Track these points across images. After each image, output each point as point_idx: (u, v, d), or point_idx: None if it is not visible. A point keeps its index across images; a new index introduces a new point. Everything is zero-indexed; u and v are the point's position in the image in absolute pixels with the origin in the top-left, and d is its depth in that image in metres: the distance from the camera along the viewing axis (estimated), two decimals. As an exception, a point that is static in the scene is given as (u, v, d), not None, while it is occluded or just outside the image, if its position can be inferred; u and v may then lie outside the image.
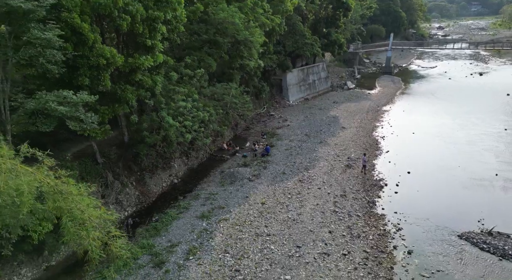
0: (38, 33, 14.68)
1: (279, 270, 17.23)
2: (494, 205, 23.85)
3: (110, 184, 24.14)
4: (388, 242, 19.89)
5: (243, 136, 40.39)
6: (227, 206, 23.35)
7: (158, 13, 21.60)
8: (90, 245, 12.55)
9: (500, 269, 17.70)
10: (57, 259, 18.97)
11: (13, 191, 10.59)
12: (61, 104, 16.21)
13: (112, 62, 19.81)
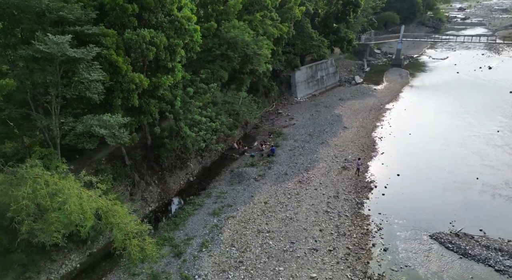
0: (86, 75, 18.54)
1: (274, 262, 21.37)
2: (468, 208, 27.24)
3: (137, 183, 28.50)
4: (368, 240, 23.74)
5: (252, 134, 44.15)
6: (234, 205, 27.48)
7: (177, 41, 25.15)
8: (132, 251, 16.60)
9: (459, 266, 21.39)
10: (97, 247, 23.54)
11: (80, 211, 14.65)
12: (102, 127, 20.25)
13: (140, 85, 23.66)
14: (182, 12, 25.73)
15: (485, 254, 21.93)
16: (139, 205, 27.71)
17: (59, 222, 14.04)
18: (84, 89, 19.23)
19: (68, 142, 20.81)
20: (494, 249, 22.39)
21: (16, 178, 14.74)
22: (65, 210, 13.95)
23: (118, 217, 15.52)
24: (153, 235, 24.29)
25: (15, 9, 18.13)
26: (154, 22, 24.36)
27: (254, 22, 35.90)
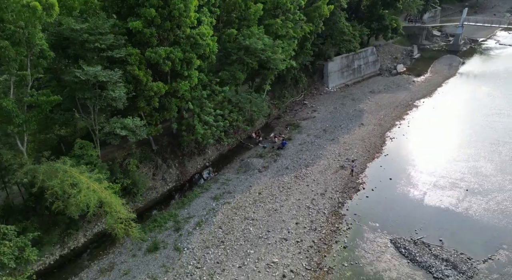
0: (111, 92, 24.55)
1: (248, 246, 26.76)
2: (443, 218, 29.62)
3: (159, 166, 35.19)
4: (334, 237, 27.91)
5: (272, 125, 48.54)
6: (234, 192, 32.99)
7: (192, 54, 30.05)
8: (118, 232, 22.80)
9: (403, 269, 24.90)
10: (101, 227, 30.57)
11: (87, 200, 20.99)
12: (123, 128, 26.49)
13: (158, 92, 29.36)
14: (198, 29, 30.36)
15: (430, 262, 25.05)
16: (159, 184, 34.52)
17: (76, 205, 20.60)
18: (110, 100, 25.36)
19: (99, 138, 27.54)
20: (441, 259, 25.34)
21: (54, 169, 21.48)
22: (78, 198, 20.44)
23: (112, 207, 21.68)
24: (163, 210, 31.05)
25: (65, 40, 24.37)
26: (173, 39, 29.38)
27: (275, 25, 39.13)
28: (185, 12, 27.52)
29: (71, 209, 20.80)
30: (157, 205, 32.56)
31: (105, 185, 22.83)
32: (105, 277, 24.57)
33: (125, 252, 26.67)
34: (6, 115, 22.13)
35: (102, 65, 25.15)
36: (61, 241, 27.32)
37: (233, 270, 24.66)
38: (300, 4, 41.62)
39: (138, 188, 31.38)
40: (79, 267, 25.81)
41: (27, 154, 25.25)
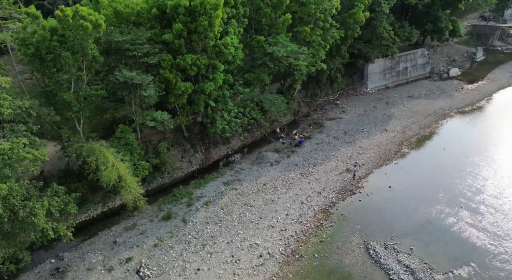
0: (143, 92, 31.11)
1: (240, 227, 32.23)
2: (422, 231, 31.86)
3: (187, 150, 41.91)
4: (315, 231, 32.08)
5: (299, 122, 52.43)
6: (243, 180, 38.44)
7: (216, 61, 35.39)
8: (128, 204, 29.56)
9: (364, 268, 28.35)
10: (152, 186, 38.11)
11: (109, 176, 27.97)
12: (152, 120, 33.16)
13: (186, 91, 35.46)
14: (224, 39, 35.45)
15: (391, 266, 28.13)
16: (185, 165, 41.33)
17: (103, 177, 27.79)
18: (143, 97, 32.04)
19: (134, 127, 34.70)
20: (403, 264, 28.21)
21: (93, 149, 28.86)
22: (104, 173, 27.55)
23: (127, 183, 28.46)
24: (183, 188, 37.77)
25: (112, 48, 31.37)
26: (201, 48, 34.94)
27: (303, 33, 42.48)
28: (210, 27, 32.70)
29: (101, 180, 28.13)
30: (180, 183, 39.41)
31: (126, 165, 29.76)
32: (127, 233, 32.10)
33: (146, 217, 33.98)
34: (67, 105, 29.95)
35: (140, 68, 31.80)
36: (103, 201, 35.52)
37: (222, 244, 30.48)
38: (332, 13, 44.01)
39: (166, 167, 38.37)
40: (112, 223, 33.73)
41: (82, 133, 33.34)
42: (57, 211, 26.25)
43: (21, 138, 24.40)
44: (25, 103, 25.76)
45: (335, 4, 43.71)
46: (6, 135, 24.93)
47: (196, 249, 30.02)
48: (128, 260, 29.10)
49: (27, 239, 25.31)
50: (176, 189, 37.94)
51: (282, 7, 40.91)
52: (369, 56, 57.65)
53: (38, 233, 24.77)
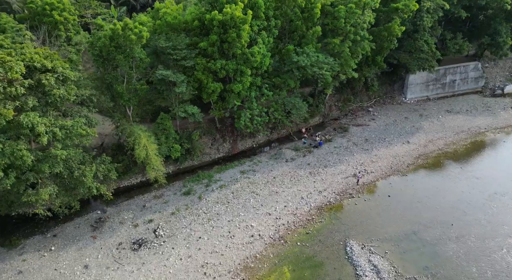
0: (176, 89, 38.24)
1: (243, 210, 38.21)
2: (406, 239, 34.63)
3: (217, 139, 48.77)
4: (305, 224, 36.75)
5: (327, 124, 56.06)
6: (257, 171, 44.16)
7: (243, 67, 41.13)
8: (152, 177, 37.02)
9: (337, 261, 32.50)
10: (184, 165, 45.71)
11: (139, 154, 35.59)
12: (184, 112, 40.31)
13: (215, 90, 41.96)
14: (252, 48, 40.95)
15: (360, 263, 31.90)
16: (213, 152, 48.30)
17: (137, 154, 35.64)
18: (178, 93, 39.23)
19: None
20: (372, 264, 31.84)
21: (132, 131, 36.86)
22: (136, 152, 35.35)
23: (152, 161, 35.86)
24: (206, 171, 44.72)
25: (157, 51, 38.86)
26: (231, 55, 40.92)
27: (332, 44, 46.00)
28: (238, 38, 38.43)
29: (135, 156, 36.13)
30: (205, 166, 46.48)
31: (155, 147, 37.32)
32: (155, 200, 40.11)
33: (171, 190, 41.72)
34: (120, 95, 38.30)
35: (178, 69, 38.94)
36: (142, 172, 44.00)
37: (224, 221, 36.87)
38: (363, 27, 46.55)
39: (195, 151, 45.65)
40: (145, 191, 42.02)
41: (131, 117, 41.82)
42: (102, 175, 34.86)
43: (81, 118, 33.04)
44: (86, 92, 34.36)
45: (367, 19, 46.15)
46: (72, 115, 33.79)
47: (202, 222, 36.86)
48: (150, 221, 37.01)
49: (80, 192, 34.18)
50: (201, 171, 45.05)
51: (313, 21, 44.83)
52: (408, 67, 58.18)
53: (86, 189, 33.50)
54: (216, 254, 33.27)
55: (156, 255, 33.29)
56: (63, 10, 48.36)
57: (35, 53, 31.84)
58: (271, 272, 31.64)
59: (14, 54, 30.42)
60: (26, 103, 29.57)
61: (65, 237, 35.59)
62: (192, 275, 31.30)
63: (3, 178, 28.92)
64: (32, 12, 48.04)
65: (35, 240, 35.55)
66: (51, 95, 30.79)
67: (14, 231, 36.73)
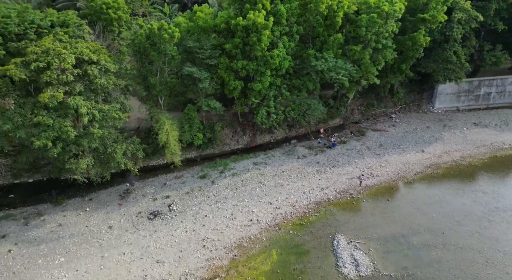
0: (200, 84, 43.38)
1: (248, 197, 42.56)
2: (393, 241, 36.83)
3: (237, 132, 53.52)
4: (301, 216, 40.24)
5: (346, 127, 58.27)
6: (268, 164, 48.20)
7: (263, 68, 45.18)
8: (170, 159, 42.43)
9: (322, 251, 35.70)
10: (207, 152, 51.26)
11: (161, 138, 41.29)
12: (207, 106, 45.44)
13: (236, 88, 46.57)
14: (272, 51, 44.81)
15: (342, 255, 34.84)
16: (232, 143, 53.16)
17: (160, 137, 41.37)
18: (201, 88, 44.40)
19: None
20: (353, 258, 34.63)
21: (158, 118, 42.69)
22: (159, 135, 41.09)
23: (171, 145, 41.28)
24: (223, 159, 49.65)
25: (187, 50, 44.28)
26: (253, 56, 45.15)
27: (352, 51, 48.30)
28: (258, 42, 42.52)
29: (158, 139, 41.99)
30: (224, 155, 51.45)
31: (175, 133, 42.81)
32: (175, 180, 45.93)
33: (190, 173, 47.31)
34: (153, 86, 44.36)
35: (203, 67, 44.04)
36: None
37: (229, 205, 41.60)
38: (385, 36, 48.11)
39: (216, 141, 50.79)
40: (168, 171, 47.93)
41: (163, 106, 47.89)
42: (130, 153, 41.21)
43: (117, 104, 39.43)
44: (123, 82, 40.69)
45: (389, 28, 47.65)
46: (111, 100, 40.31)
47: (210, 203, 41.93)
48: (167, 197, 42.85)
49: (111, 166, 40.80)
50: (219, 159, 50.09)
51: (335, 28, 47.44)
52: (436, 77, 58.08)
53: (116, 163, 39.98)
54: (216, 231, 38.13)
55: (166, 225, 38.96)
56: (118, 9, 55.67)
57: (85, 47, 38.62)
58: (260, 253, 35.80)
59: (68, 47, 37.34)
60: (74, 88, 36.35)
61: (98, 202, 42.62)
62: (193, 246, 36.47)
63: (52, 148, 36.06)
64: (93, 10, 55.95)
65: (75, 201, 42.99)
66: (94, 83, 37.37)
67: (61, 192, 44.54)
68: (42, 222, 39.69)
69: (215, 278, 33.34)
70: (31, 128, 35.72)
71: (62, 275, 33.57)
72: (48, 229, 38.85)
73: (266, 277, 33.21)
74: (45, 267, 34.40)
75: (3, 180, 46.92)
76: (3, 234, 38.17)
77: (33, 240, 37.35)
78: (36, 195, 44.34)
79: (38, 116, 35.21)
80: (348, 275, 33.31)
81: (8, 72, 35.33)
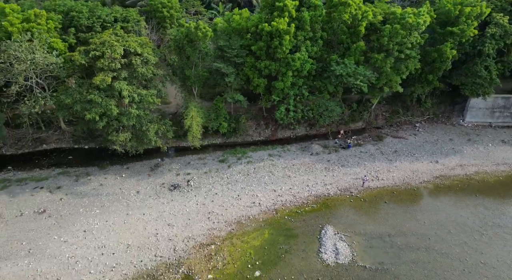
0: (226, 78, 49.29)
1: (256, 182, 47.81)
2: (380, 239, 39.75)
3: (260, 125, 58.78)
4: (299, 205, 44.50)
5: (367, 131, 60.49)
6: (281, 157, 52.84)
7: (284, 68, 49.82)
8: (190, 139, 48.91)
9: (309, 237, 39.77)
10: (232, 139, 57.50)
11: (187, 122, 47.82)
12: (231, 98, 51.37)
13: (260, 85, 51.83)
14: (294, 54, 49.21)
15: (326, 244, 38.55)
16: (255, 135, 58.56)
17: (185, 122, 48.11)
18: (228, 82, 50.37)
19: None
20: (335, 247, 38.22)
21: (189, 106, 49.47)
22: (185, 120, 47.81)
23: (193, 130, 47.62)
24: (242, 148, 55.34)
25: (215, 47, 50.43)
26: (276, 58, 49.96)
27: (374, 59, 50.78)
28: (280, 46, 47.21)
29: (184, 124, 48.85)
30: (245, 145, 57.07)
31: (199, 120, 49.21)
32: (198, 161, 52.69)
33: (213, 156, 53.73)
34: (187, 78, 51.38)
35: (231, 64, 49.88)
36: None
37: (238, 187, 47.24)
38: (408, 46, 49.74)
39: (239, 131, 56.62)
40: (195, 153, 54.63)
41: (196, 96, 54.83)
42: (161, 132, 48.68)
43: (154, 90, 46.97)
44: (160, 72, 48.06)
45: (413, 39, 49.20)
46: (150, 87, 47.98)
47: (223, 183, 47.96)
48: (188, 174, 49.74)
49: (144, 141, 48.63)
50: (239, 147, 55.85)
51: (358, 36, 50.28)
52: (461, 90, 57.61)
53: (148, 140, 47.64)
54: (222, 208, 44.06)
55: (182, 197, 45.81)
56: (171, 8, 63.73)
57: (134, 41, 46.52)
58: (254, 230, 41.00)
59: (120, 41, 45.44)
60: (120, 74, 44.37)
61: (132, 170, 50.90)
62: (199, 217, 42.80)
63: (99, 121, 44.56)
64: (151, 8, 64.67)
65: (116, 168, 51.73)
66: (136, 71, 45.13)
67: (106, 159, 53.58)
68: (88, 181, 48.82)
69: (211, 244, 39.30)
70: (85, 103, 44.42)
71: (95, 223, 41.91)
72: (91, 186, 47.82)
73: (254, 251, 38.36)
74: (84, 215, 43.09)
75: (66, 144, 57.57)
76: (59, 186, 47.91)
77: (79, 193, 46.47)
78: (88, 159, 54.01)
79: (91, 95, 43.73)
80: (326, 260, 37.22)
81: (73, 57, 44.36)
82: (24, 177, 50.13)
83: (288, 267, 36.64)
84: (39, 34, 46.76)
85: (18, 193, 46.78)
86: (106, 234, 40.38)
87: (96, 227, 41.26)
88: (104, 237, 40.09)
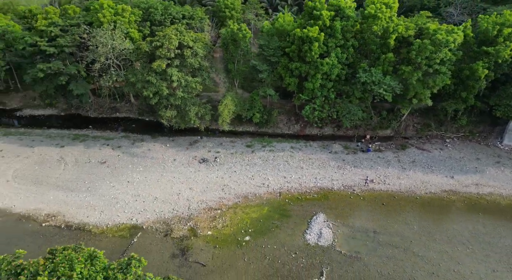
0: (260, 74, 56.60)
1: (270, 168, 54.44)
2: (363, 231, 43.86)
3: (291, 120, 64.91)
4: (303, 192, 50.11)
5: (394, 139, 62.62)
6: (301, 151, 58.55)
7: (313, 71, 55.35)
8: (220, 123, 56.95)
9: (301, 226, 45.56)
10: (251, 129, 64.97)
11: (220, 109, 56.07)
12: (264, 92, 58.55)
13: (291, 84, 58.14)
14: (324, 59, 54.48)
15: (312, 228, 43.85)
16: (284, 128, 64.96)
17: (219, 108, 56.59)
18: (261, 77, 57.67)
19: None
20: (319, 231, 43.45)
21: (226, 94, 57.79)
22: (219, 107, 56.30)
23: (224, 115, 55.62)
24: (269, 138, 62.31)
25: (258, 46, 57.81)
26: (306, 61, 55.71)
27: (402, 70, 53.44)
28: (309, 50, 52.90)
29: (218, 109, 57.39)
30: (273, 135, 63.80)
31: (232, 108, 57.15)
32: (229, 143, 61.10)
33: (242, 141, 61.63)
34: (230, 71, 59.95)
35: (266, 62, 57.01)
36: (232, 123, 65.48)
37: (254, 169, 54.50)
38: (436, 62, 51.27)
39: (270, 123, 63.60)
40: (229, 136, 63.11)
41: (236, 87, 63.22)
42: (200, 114, 58.11)
43: (199, 78, 56.45)
44: (206, 64, 57.23)
45: (442, 55, 50.61)
46: (197, 75, 57.57)
47: (243, 164, 55.74)
48: (217, 152, 58.54)
49: (185, 120, 58.52)
50: (267, 137, 62.89)
51: (388, 47, 53.37)
52: (494, 111, 56.46)
53: (189, 119, 57.43)
54: (235, 183, 51.91)
55: (207, 169, 54.73)
56: (233, 9, 72.81)
57: (189, 36, 56.36)
58: (256, 206, 48.07)
59: (178, 35, 55.58)
60: (173, 62, 54.55)
61: (176, 142, 61.43)
62: (216, 186, 51.23)
63: (152, 98, 55.49)
64: (216, 8, 74.60)
65: (164, 138, 62.84)
66: (186, 61, 54.96)
67: (158, 131, 65.18)
68: (141, 145, 60.61)
69: (218, 209, 47.45)
70: (144, 83, 55.56)
71: (137, 177, 53.03)
72: (142, 150, 59.42)
73: (251, 221, 45.53)
74: (131, 170, 54.60)
75: (133, 115, 70.91)
76: (119, 145, 60.55)
77: (132, 153, 58.32)
78: (146, 129, 66.18)
79: (149, 76, 54.64)
80: (308, 240, 42.80)
81: (141, 45, 55.82)
82: (98, 135, 64.09)
83: (274, 238, 43.06)
84: (120, 25, 59.28)
85: (91, 146, 60.51)
86: (142, 187, 51.09)
87: (136, 180, 52.27)
88: (140, 188, 50.82)
